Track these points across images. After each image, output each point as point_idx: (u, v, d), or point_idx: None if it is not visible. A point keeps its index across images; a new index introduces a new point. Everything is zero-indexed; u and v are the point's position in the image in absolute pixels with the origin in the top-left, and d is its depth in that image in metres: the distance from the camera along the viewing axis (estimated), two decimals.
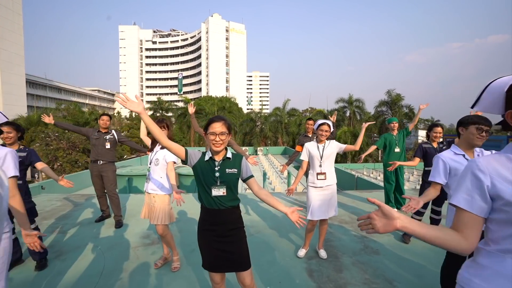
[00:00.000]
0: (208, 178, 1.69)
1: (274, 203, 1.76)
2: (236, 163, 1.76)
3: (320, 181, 2.95)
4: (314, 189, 2.99)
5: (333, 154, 3.00)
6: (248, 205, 5.31)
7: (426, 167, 3.45)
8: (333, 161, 3.03)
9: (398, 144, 4.82)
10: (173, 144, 1.67)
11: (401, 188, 4.87)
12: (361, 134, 3.08)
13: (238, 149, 4.11)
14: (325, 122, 2.98)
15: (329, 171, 2.98)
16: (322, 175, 2.96)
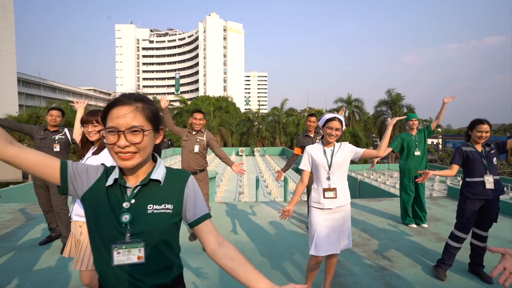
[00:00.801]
0: (106, 225, 0.81)
1: (245, 275, 0.86)
2: (171, 192, 0.88)
3: (329, 200, 2.08)
4: (320, 212, 2.11)
5: (346, 162, 2.13)
6: (236, 218, 4.43)
7: (468, 178, 2.57)
8: (346, 172, 2.16)
9: (419, 146, 3.96)
10: None
11: (421, 200, 4.01)
12: (386, 135, 2.20)
13: (220, 153, 3.23)
14: (335, 116, 2.11)
15: (340, 185, 2.12)
16: (331, 192, 2.08)
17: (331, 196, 2.08)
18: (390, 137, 2.21)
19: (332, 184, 2.09)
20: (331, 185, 2.09)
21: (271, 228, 4.01)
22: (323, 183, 2.11)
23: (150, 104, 0.84)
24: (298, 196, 2.21)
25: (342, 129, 2.10)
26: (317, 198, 2.12)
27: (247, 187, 12.46)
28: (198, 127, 3.35)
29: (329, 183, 2.10)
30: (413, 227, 4.00)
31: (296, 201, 2.22)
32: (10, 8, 44.15)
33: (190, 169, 3.33)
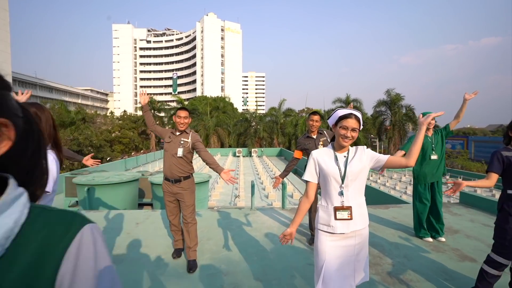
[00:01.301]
0: None
1: None
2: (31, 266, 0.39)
3: (342, 223, 1.60)
4: (329, 238, 1.62)
5: (364, 172, 1.65)
6: (228, 230, 3.93)
7: (510, 189, 2.08)
8: (363, 185, 1.68)
9: (435, 149, 3.49)
10: None
11: (439, 210, 3.54)
12: (418, 138, 1.64)
13: (207, 157, 2.74)
14: (351, 113, 1.62)
15: (357, 203, 1.63)
16: (345, 212, 1.60)
17: (344, 217, 1.59)
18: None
19: (346, 201, 1.61)
20: (344, 203, 1.60)
21: (268, 242, 3.52)
22: (334, 200, 1.62)
23: None
24: (302, 216, 1.73)
25: (359, 129, 1.62)
26: (326, 220, 1.63)
27: (244, 190, 11.98)
28: (182, 127, 2.85)
29: (342, 200, 1.61)
30: (429, 241, 3.52)
31: (299, 222, 1.73)
32: (5, 7, 43.50)
33: (173, 176, 2.84)
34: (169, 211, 2.99)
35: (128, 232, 3.87)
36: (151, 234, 3.82)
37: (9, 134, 0.41)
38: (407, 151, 1.64)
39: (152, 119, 3.05)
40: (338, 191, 1.62)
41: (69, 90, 69.21)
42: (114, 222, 4.31)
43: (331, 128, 1.74)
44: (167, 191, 2.90)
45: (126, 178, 6.76)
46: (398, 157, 1.64)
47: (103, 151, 30.66)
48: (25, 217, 0.41)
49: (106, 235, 3.76)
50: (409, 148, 1.62)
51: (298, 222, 1.72)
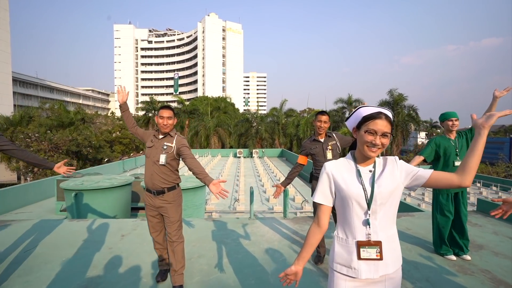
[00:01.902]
0: None
1: None
2: None
3: (368, 264, 1.16)
4: (350, 283, 1.18)
5: (397, 193, 1.20)
6: (223, 244, 3.49)
7: None
8: (395, 211, 1.23)
9: (460, 154, 3.03)
10: None
11: (463, 224, 3.08)
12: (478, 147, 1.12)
13: (194, 166, 2.30)
14: (381, 111, 1.19)
15: (386, 236, 1.19)
16: (373, 249, 1.15)
17: (372, 256, 1.15)
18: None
19: (374, 233, 1.16)
20: (372, 236, 1.16)
21: (267, 260, 3.08)
22: (357, 232, 1.18)
23: None
24: (311, 251, 1.28)
25: (391, 134, 1.18)
26: (346, 259, 1.19)
27: (244, 193, 11.54)
28: (166, 129, 2.41)
29: (369, 233, 1.17)
30: (452, 260, 3.06)
31: (307, 259, 1.29)
32: (5, 6, 43.43)
33: (155, 187, 2.40)
34: (152, 227, 2.56)
35: (110, 247, 3.44)
36: (136, 249, 3.39)
37: None
38: (461, 166, 1.15)
39: (132, 120, 2.62)
40: (362, 219, 1.18)
41: (70, 91, 69.15)
42: (97, 234, 3.89)
43: (352, 132, 1.30)
44: (149, 204, 2.47)
45: (118, 183, 6.33)
46: (447, 174, 1.16)
47: (102, 151, 30.34)
48: None
49: (86, 251, 3.34)
50: (464, 161, 1.13)
51: (306, 259, 1.28)
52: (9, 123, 28.83)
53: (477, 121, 1.16)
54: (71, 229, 4.11)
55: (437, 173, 1.17)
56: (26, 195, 8.94)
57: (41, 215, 7.79)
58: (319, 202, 1.27)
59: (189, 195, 5.87)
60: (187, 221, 4.41)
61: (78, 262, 3.05)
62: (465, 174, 1.12)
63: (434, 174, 1.17)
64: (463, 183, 1.13)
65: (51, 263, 3.02)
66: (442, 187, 1.18)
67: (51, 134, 25.56)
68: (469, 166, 1.12)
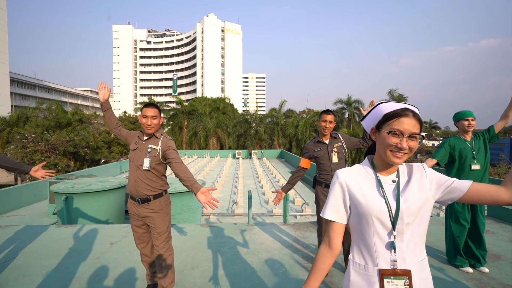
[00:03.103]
0: None
1: None
2: None
3: None
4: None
5: (428, 208, 0.95)
6: (219, 253, 3.23)
7: None
8: (425, 230, 0.98)
9: (477, 157, 2.79)
10: None
11: (480, 233, 2.83)
12: None
13: (181, 171, 2.04)
14: (406, 108, 0.94)
15: (417, 261, 0.94)
16: (400, 280, 0.90)
17: (400, 284, 0.90)
18: None
19: (401, 260, 0.92)
20: (398, 263, 0.91)
21: (267, 273, 2.82)
22: (380, 258, 0.94)
23: None
24: (321, 278, 1.02)
25: (421, 135, 0.93)
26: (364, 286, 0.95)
27: (242, 195, 11.27)
28: (150, 129, 2.15)
29: (394, 259, 0.92)
30: (469, 272, 2.81)
31: (317, 287, 1.03)
32: (3, 7, 43.20)
33: (139, 195, 2.15)
34: (137, 238, 2.30)
35: (97, 257, 3.18)
36: (124, 259, 3.13)
37: None
38: (510, 178, 0.89)
39: (115, 120, 2.36)
40: (386, 242, 0.93)
41: (69, 91, 68.88)
42: (84, 242, 3.62)
43: (370, 134, 1.05)
44: (133, 213, 2.22)
45: (111, 185, 6.06)
46: (491, 187, 0.90)
47: (100, 152, 30.02)
48: None
49: (70, 261, 3.07)
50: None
51: (315, 287, 1.02)
52: (6, 123, 28.53)
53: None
54: (57, 236, 3.84)
55: (479, 186, 0.92)
56: (19, 197, 8.67)
57: (33, 218, 7.52)
58: (330, 219, 1.02)
59: (185, 199, 5.61)
60: (181, 228, 4.15)
61: (60, 274, 2.79)
62: None
63: (475, 186, 0.92)
64: (507, 199, 0.87)
65: (29, 276, 2.76)
66: (485, 203, 0.92)
67: (48, 134, 25.24)
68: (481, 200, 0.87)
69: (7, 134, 26.65)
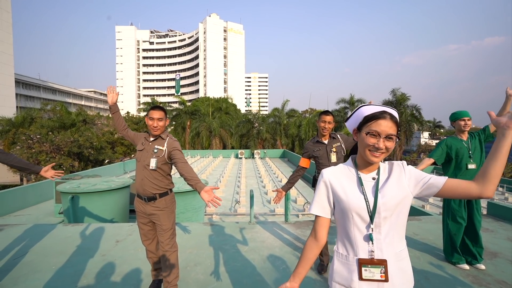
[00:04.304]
0: None
1: None
2: None
3: (370, 285, 1.00)
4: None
5: (406, 204, 1.04)
6: (221, 250, 3.32)
7: None
8: (404, 224, 1.06)
9: (473, 157, 2.85)
10: None
11: (477, 231, 2.89)
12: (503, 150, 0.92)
13: (186, 171, 2.14)
14: (385, 111, 1.03)
15: (394, 252, 1.03)
16: (376, 268, 0.99)
17: (375, 277, 0.99)
18: None
19: (378, 250, 1.01)
20: (375, 254, 1.01)
21: (268, 270, 2.91)
22: (359, 248, 1.03)
23: None
24: (308, 267, 1.11)
25: (397, 136, 1.02)
26: (345, 278, 1.04)
27: (245, 194, 11.37)
28: (156, 131, 2.26)
29: (372, 249, 1.01)
30: (465, 269, 2.87)
31: (304, 275, 1.12)
32: (8, 9, 43.65)
33: (146, 193, 2.25)
34: (143, 235, 2.40)
35: (104, 254, 3.29)
36: (130, 256, 3.23)
37: None
38: (481, 174, 0.96)
39: (122, 122, 2.46)
40: (364, 234, 1.02)
41: (73, 92, 69.44)
42: (90, 240, 3.73)
43: (352, 134, 1.14)
44: (140, 211, 2.32)
45: (115, 185, 6.18)
46: (464, 183, 0.98)
47: (104, 152, 30.29)
48: None
49: (77, 258, 3.18)
50: (484, 168, 0.95)
51: (302, 275, 1.11)
52: (11, 124, 28.90)
53: (499, 120, 0.95)
54: (64, 234, 3.95)
55: (452, 181, 0.99)
56: (25, 197, 8.83)
57: (39, 217, 7.67)
58: (316, 214, 1.11)
59: (188, 198, 5.71)
60: (184, 226, 4.25)
61: (68, 271, 2.90)
62: (486, 182, 0.94)
63: (449, 182, 0.99)
64: (484, 193, 0.95)
65: (40, 272, 2.87)
66: (458, 197, 1.00)
67: (52, 135, 25.55)
68: (491, 173, 0.93)
69: (13, 135, 27.01)
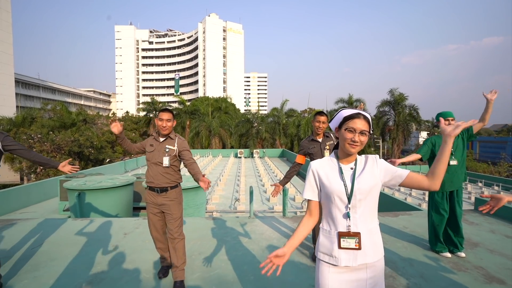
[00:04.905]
0: None
1: None
2: None
3: (347, 253, 1.26)
4: (333, 271, 1.28)
5: (376, 190, 1.30)
6: (222, 242, 3.58)
7: None
8: (375, 206, 1.33)
9: (455, 154, 3.11)
10: None
11: (458, 222, 3.15)
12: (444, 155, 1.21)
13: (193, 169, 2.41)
14: (359, 113, 1.29)
15: (367, 229, 1.29)
16: (352, 239, 1.25)
17: (351, 246, 1.25)
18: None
19: (353, 226, 1.26)
20: (351, 228, 1.26)
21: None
22: (339, 224, 1.28)
23: None
24: (300, 239, 1.36)
25: (369, 132, 1.28)
26: (328, 248, 1.30)
27: (245, 193, 11.62)
28: (165, 131, 2.52)
29: (349, 225, 1.26)
30: (447, 257, 3.13)
31: (296, 245, 1.36)
32: (7, 9, 43.69)
33: (158, 186, 2.51)
34: (153, 225, 2.64)
35: (113, 245, 3.53)
36: (138, 246, 3.48)
37: None
38: (430, 171, 1.24)
39: (130, 144, 2.68)
40: (343, 212, 1.28)
41: (72, 92, 69.46)
42: (100, 233, 3.98)
43: (335, 132, 1.40)
44: (151, 202, 2.57)
45: (120, 183, 6.43)
46: (420, 176, 1.26)
47: (104, 152, 30.48)
48: None
49: (89, 248, 3.43)
50: (433, 167, 1.24)
51: (294, 246, 1.34)
52: (12, 124, 29.05)
53: (446, 129, 1.24)
54: (74, 228, 4.20)
55: (412, 174, 1.27)
56: (29, 195, 9.05)
57: (44, 215, 7.90)
58: (308, 198, 1.36)
59: (190, 195, 5.96)
60: (187, 221, 4.49)
61: (82, 259, 3.14)
62: (434, 179, 1.22)
63: (410, 175, 1.26)
64: (432, 187, 1.24)
65: (57, 259, 3.12)
66: (415, 188, 1.28)
67: (53, 135, 25.72)
68: (437, 172, 1.22)
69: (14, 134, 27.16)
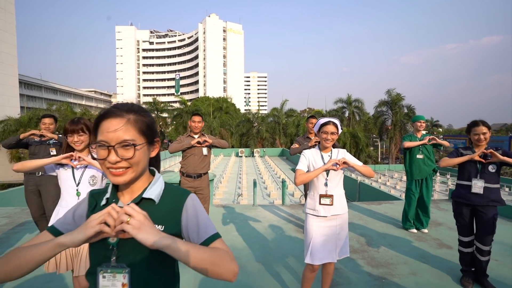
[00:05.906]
0: (94, 247, 0.76)
1: None
2: (166, 212, 0.79)
3: (324, 207, 2.01)
4: (315, 219, 2.04)
5: (342, 171, 2.08)
6: (232, 222, 4.34)
7: (458, 180, 2.65)
8: (341, 181, 2.11)
9: (422, 149, 3.88)
10: None
11: (426, 204, 3.93)
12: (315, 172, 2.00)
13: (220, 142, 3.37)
14: (330, 120, 2.05)
15: (337, 193, 2.05)
16: (327, 199, 2.01)
17: (327, 202, 2.00)
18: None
19: (329, 190, 2.02)
20: (328, 192, 2.02)
21: (268, 233, 3.93)
22: (320, 189, 2.04)
23: (143, 115, 0.78)
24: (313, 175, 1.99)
25: (338, 133, 2.03)
26: (313, 205, 2.05)
27: (246, 189, 12.39)
28: (198, 130, 3.32)
29: (326, 190, 2.02)
30: (413, 232, 3.91)
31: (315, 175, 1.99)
32: (11, 10, 44.25)
33: (196, 172, 3.31)
34: None
35: None
36: None
37: (158, 145, 0.83)
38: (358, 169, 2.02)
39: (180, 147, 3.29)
40: (323, 182, 2.03)
41: (73, 92, 70.06)
42: None
43: (316, 134, 2.16)
44: (188, 186, 3.30)
45: None
46: (367, 168, 2.05)
47: None
48: (162, 186, 0.83)
49: None
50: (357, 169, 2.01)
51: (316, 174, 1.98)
52: (18, 124, 29.77)
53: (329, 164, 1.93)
54: None
55: (364, 166, 2.04)
56: None
57: None
58: (300, 168, 2.08)
59: None
60: None
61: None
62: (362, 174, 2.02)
63: (361, 166, 2.02)
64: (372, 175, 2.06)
65: None
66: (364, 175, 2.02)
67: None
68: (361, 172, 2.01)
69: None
